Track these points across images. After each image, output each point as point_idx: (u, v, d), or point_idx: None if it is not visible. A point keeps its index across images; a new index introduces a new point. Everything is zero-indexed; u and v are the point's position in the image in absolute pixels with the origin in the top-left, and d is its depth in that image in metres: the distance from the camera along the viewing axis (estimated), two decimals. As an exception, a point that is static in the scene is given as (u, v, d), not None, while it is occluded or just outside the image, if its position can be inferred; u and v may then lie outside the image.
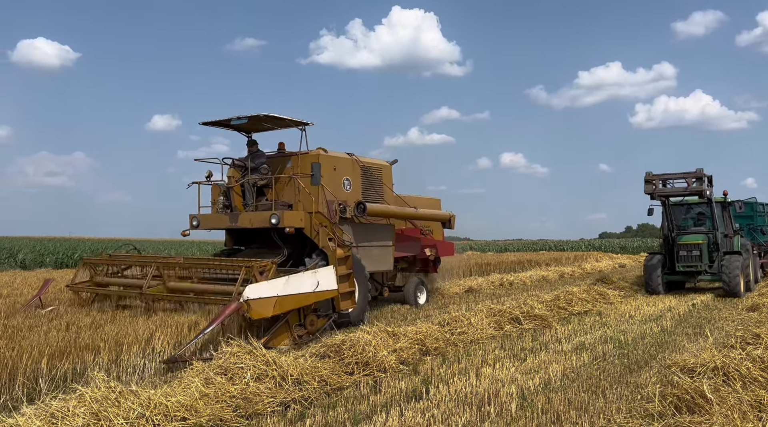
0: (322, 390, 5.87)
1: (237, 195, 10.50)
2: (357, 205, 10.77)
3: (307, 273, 8.34)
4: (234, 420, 4.89)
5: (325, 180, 10.38)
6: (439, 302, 14.28)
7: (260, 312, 7.35)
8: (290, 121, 10.37)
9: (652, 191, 14.36)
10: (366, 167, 11.55)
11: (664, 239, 15.48)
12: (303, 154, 10.42)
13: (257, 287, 7.43)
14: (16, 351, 6.34)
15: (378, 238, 11.71)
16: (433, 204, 14.19)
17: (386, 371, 6.68)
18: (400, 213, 12.05)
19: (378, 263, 11.67)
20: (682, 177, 14.16)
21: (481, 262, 27.35)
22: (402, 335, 7.84)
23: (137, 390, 4.69)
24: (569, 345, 8.26)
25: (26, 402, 4.94)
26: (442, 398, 5.65)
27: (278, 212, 9.69)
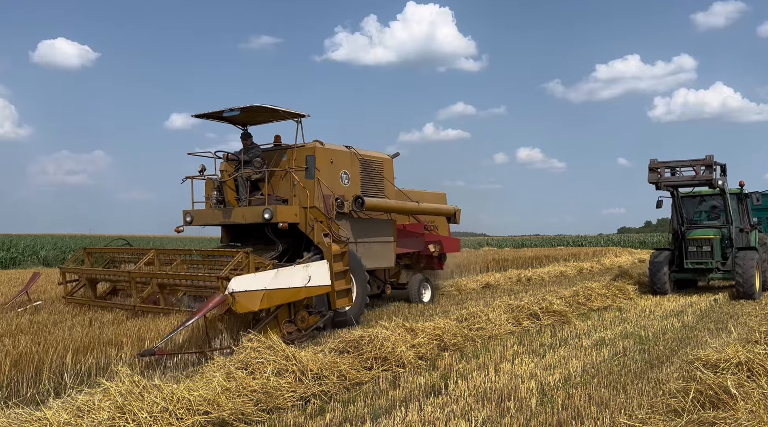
0: (341, 385, 5.91)
1: (230, 190, 10.20)
2: (355, 200, 10.38)
3: (297, 267, 7.99)
4: (255, 414, 4.95)
5: (322, 174, 10.02)
6: (456, 297, 14.26)
7: (246, 306, 7.05)
8: (285, 112, 9.99)
9: (656, 180, 13.14)
10: (365, 161, 11.16)
11: (673, 233, 14.28)
12: (299, 147, 10.10)
13: (243, 280, 7.14)
14: (42, 346, 6.48)
15: (378, 233, 11.35)
16: (439, 199, 13.77)
17: (405, 367, 6.70)
18: (401, 208, 11.68)
19: (378, 260, 11.32)
20: (689, 165, 12.87)
21: (498, 257, 27.25)
22: (420, 331, 7.85)
23: (160, 384, 4.77)
24: (589, 341, 8.20)
25: (53, 396, 5.05)
26: (461, 393, 5.65)
27: (271, 207, 9.34)
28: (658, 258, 13.69)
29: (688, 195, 14.53)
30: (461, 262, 23.81)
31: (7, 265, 25.08)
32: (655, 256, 13.89)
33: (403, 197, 11.97)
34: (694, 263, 13.49)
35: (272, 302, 7.42)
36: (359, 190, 10.79)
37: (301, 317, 8.19)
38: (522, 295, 13.15)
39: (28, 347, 6.41)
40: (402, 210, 11.73)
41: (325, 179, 10.08)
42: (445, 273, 20.38)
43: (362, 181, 10.99)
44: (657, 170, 13.17)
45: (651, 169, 13.23)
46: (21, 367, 5.94)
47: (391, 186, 11.79)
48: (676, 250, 13.95)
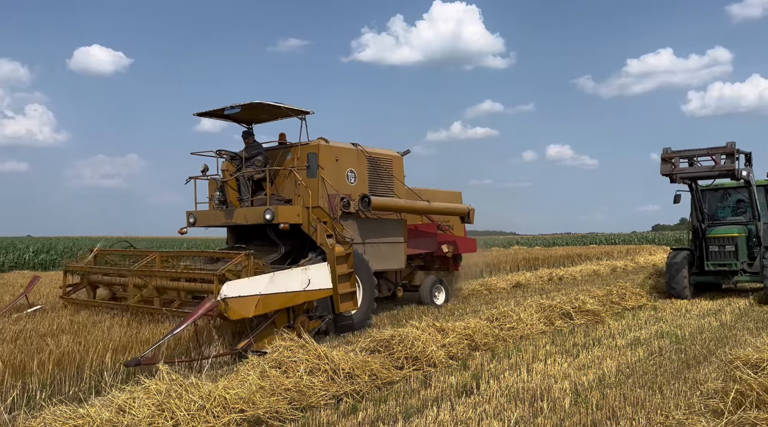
0: (372, 384, 5.94)
1: (232, 190, 9.91)
2: (361, 199, 9.93)
3: (296, 270, 7.65)
4: (289, 413, 5.02)
5: (326, 172, 9.66)
6: (486, 297, 14.18)
7: (239, 312, 6.72)
8: (288, 109, 9.59)
9: (670, 172, 11.71)
10: (373, 158, 10.74)
11: (693, 231, 12.87)
12: (302, 144, 9.72)
13: (237, 285, 6.81)
14: (83, 345, 6.69)
15: (387, 234, 10.92)
16: (453, 198, 13.27)
17: (436, 366, 6.70)
18: (411, 207, 11.19)
19: (388, 261, 10.90)
20: (706, 153, 11.46)
21: (529, 256, 27.00)
22: (450, 331, 7.84)
23: (198, 383, 4.88)
24: (623, 340, 8.08)
25: (94, 394, 5.21)
26: (493, 393, 5.63)
27: (272, 207, 9.00)
28: (675, 259, 12.36)
29: (709, 188, 13.19)
30: (491, 261, 23.69)
31: (47, 267, 25.90)
32: (673, 257, 12.52)
33: (414, 196, 11.56)
34: (716, 265, 12.20)
35: (268, 307, 7.07)
36: (367, 189, 10.41)
37: (300, 322, 7.78)
38: (554, 294, 13.03)
39: (69, 346, 6.63)
40: (411, 209, 11.30)
41: (329, 178, 9.72)
42: (474, 272, 20.36)
43: (370, 179, 10.60)
44: (671, 161, 11.78)
45: (664, 160, 11.84)
46: (63, 366, 6.14)
47: (401, 184, 11.38)
48: (697, 250, 12.64)
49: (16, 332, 7.53)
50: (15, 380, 5.64)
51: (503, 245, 50.01)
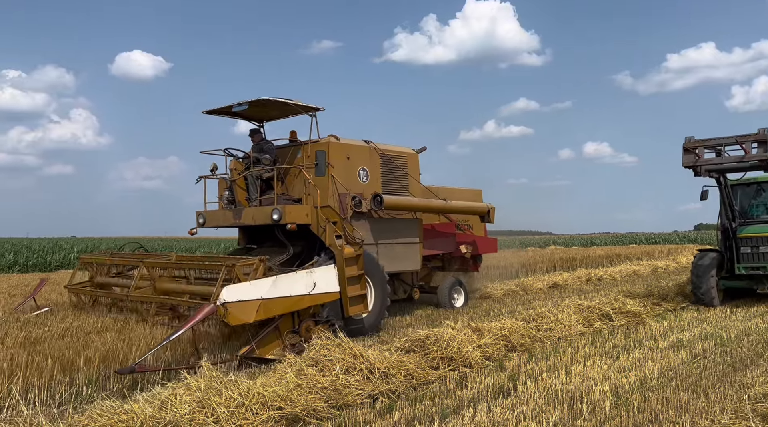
0: (408, 384, 5.94)
1: (240, 189, 9.65)
2: (373, 198, 9.55)
3: (300, 273, 7.38)
4: (326, 411, 5.06)
5: (336, 170, 9.35)
6: (523, 297, 14.02)
7: (239, 317, 6.47)
8: (297, 106, 9.28)
9: (693, 163, 10.48)
10: (386, 156, 10.34)
11: (723, 231, 11.64)
12: (313, 142, 9.39)
13: (237, 289, 6.57)
14: (126, 343, 6.88)
15: (402, 234, 10.52)
16: (473, 196, 12.76)
17: (471, 367, 6.66)
18: (425, 206, 10.73)
19: (402, 262, 10.52)
20: (735, 142, 10.15)
21: (566, 257, 26.58)
22: (486, 331, 7.79)
23: (237, 380, 4.98)
24: (665, 343, 7.87)
25: (138, 389, 5.36)
26: (531, 394, 5.56)
27: (280, 207, 8.74)
28: (702, 261, 11.20)
29: (740, 183, 11.83)
30: (527, 261, 23.42)
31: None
32: (699, 258, 11.33)
33: (430, 195, 11.12)
34: (747, 268, 11.00)
35: (270, 312, 6.80)
36: (380, 188, 10.04)
37: (306, 326, 7.49)
38: (592, 295, 12.78)
39: (114, 343, 6.84)
40: (427, 208, 10.84)
41: (340, 176, 9.40)
42: (509, 273, 20.15)
43: (383, 177, 10.24)
44: (694, 151, 10.50)
45: (686, 150, 10.57)
46: (108, 362, 6.34)
47: (417, 183, 10.93)
48: (727, 251, 11.42)
49: (63, 330, 7.81)
50: (63, 376, 5.85)
51: (539, 245, 49.36)
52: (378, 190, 9.91)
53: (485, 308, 12.03)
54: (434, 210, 11.12)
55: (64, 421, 4.22)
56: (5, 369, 5.72)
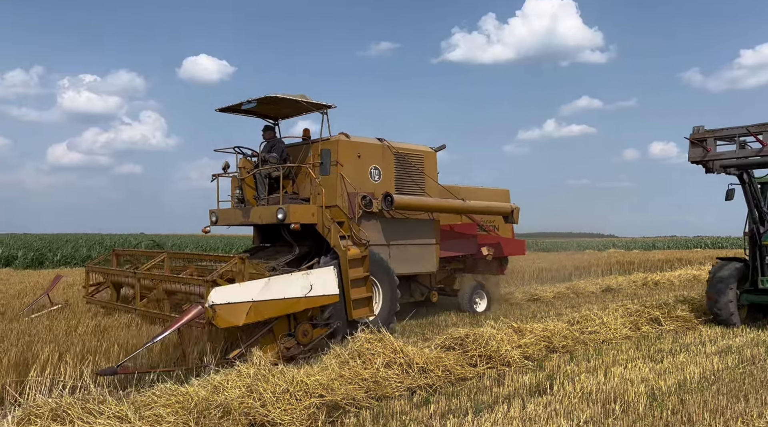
0: (446, 379, 6.16)
1: (249, 188, 9.54)
2: (384, 198, 9.26)
3: (296, 275, 7.16)
4: (365, 401, 5.37)
5: (346, 169, 9.13)
6: (572, 300, 13.89)
7: (228, 320, 6.25)
8: (308, 103, 9.10)
9: (701, 158, 9.17)
10: (401, 154, 10.01)
11: (750, 237, 9.83)
12: (323, 140, 9.24)
13: (226, 290, 6.38)
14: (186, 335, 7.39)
15: (416, 235, 10.16)
16: (498, 196, 12.21)
17: (510, 365, 6.80)
18: (439, 206, 10.28)
19: (416, 264, 10.17)
20: (746, 132, 8.76)
21: (623, 260, 25.94)
22: (528, 332, 7.89)
23: (283, 369, 5.37)
24: (713, 347, 7.74)
25: (194, 376, 5.82)
26: (566, 393, 5.67)
27: (284, 207, 8.61)
28: (720, 273, 9.65)
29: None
30: (581, 264, 23.02)
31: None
32: (718, 269, 9.79)
33: (448, 195, 10.71)
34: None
35: (261, 315, 6.57)
36: (393, 187, 9.74)
37: (302, 330, 7.24)
38: (646, 299, 12.54)
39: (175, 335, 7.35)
40: (441, 208, 10.39)
41: (350, 175, 9.17)
42: (562, 276, 19.90)
43: (397, 176, 9.91)
44: (704, 143, 9.16)
45: (693, 143, 9.25)
46: (168, 350, 6.86)
47: (434, 182, 10.54)
48: (752, 260, 9.71)
49: (129, 320, 8.43)
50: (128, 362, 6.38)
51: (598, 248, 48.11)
52: (391, 189, 9.63)
53: (532, 310, 12.04)
54: (450, 210, 10.64)
55: (128, 400, 4.69)
56: (78, 353, 6.31)
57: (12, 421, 4.06)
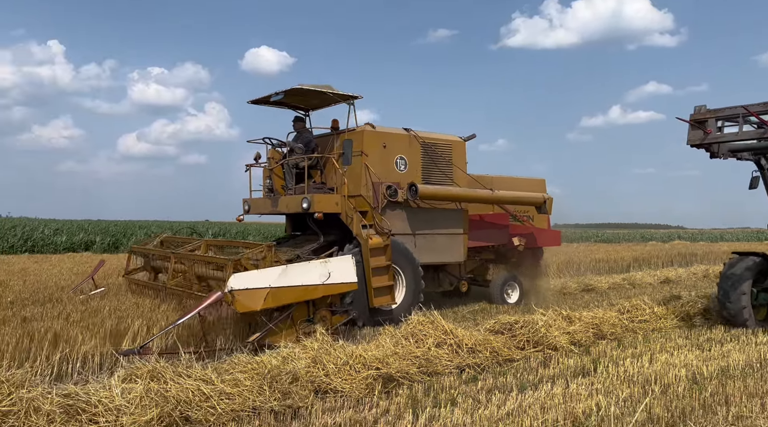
0: (493, 360, 6.58)
1: (278, 178, 9.81)
2: (409, 187, 9.41)
3: (314, 263, 7.40)
4: (417, 375, 5.88)
5: (371, 159, 9.27)
6: (628, 291, 13.92)
7: (246, 305, 6.51)
8: (334, 94, 9.27)
9: (700, 141, 8.41)
10: (428, 144, 10.05)
11: None
12: (349, 131, 9.43)
13: (244, 277, 6.65)
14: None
15: (443, 225, 10.20)
16: (533, 186, 12.11)
17: (557, 350, 7.13)
18: (466, 195, 10.27)
19: (443, 254, 10.22)
20: (745, 111, 7.91)
21: (686, 252, 25.37)
22: (577, 319, 8.17)
23: (343, 344, 5.98)
24: (765, 338, 7.79)
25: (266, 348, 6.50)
26: (609, 375, 5.99)
27: (309, 196, 8.85)
28: (734, 269, 8.70)
29: None
30: (640, 255, 22.70)
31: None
32: (731, 265, 8.82)
33: (477, 184, 10.72)
34: None
35: (279, 301, 6.80)
36: (420, 177, 9.85)
37: (321, 316, 7.43)
38: (703, 291, 12.43)
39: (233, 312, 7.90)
40: (468, 198, 10.37)
41: (375, 165, 9.29)
42: (619, 267, 19.74)
43: (424, 166, 10.00)
44: (705, 123, 8.36)
45: (693, 124, 8.44)
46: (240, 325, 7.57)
47: (462, 172, 10.55)
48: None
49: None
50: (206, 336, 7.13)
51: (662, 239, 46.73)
52: (417, 179, 9.74)
53: (585, 300, 12.21)
54: (477, 200, 10.63)
55: (211, 366, 5.39)
56: (162, 327, 7.11)
57: (117, 379, 4.81)
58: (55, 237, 26.98)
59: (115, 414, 4.33)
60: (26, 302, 9.64)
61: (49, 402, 4.23)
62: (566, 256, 22.06)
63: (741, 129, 8.11)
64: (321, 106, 10.35)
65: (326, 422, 4.63)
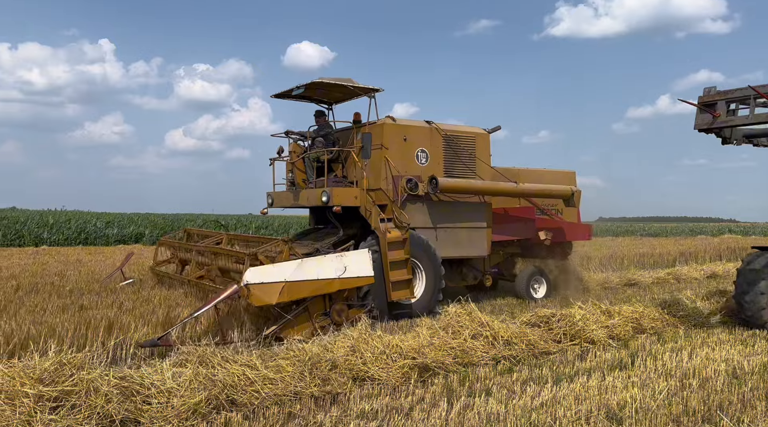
0: (529, 352, 6.64)
1: (299, 171, 9.90)
2: (429, 181, 9.35)
3: (329, 256, 7.43)
4: (453, 366, 6.01)
5: (391, 152, 9.23)
6: (672, 286, 13.63)
7: (262, 299, 6.62)
8: (355, 88, 9.25)
9: (708, 125, 7.71)
10: (450, 137, 9.93)
11: None
12: (370, 124, 9.38)
13: (260, 271, 6.74)
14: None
15: (466, 218, 10.08)
16: (562, 178, 11.81)
17: (594, 343, 7.13)
18: (488, 188, 10.10)
19: (465, 248, 10.11)
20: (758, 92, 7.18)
21: (736, 246, 24.55)
22: (616, 313, 8.11)
23: (381, 334, 6.17)
24: (814, 335, 7.59)
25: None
26: (647, 369, 5.99)
27: (328, 190, 8.87)
28: (752, 265, 8.17)
29: None
30: (687, 250, 22.11)
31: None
32: (750, 261, 8.27)
33: (501, 177, 10.50)
34: None
35: (294, 294, 6.88)
36: (442, 170, 9.75)
37: (338, 310, 7.46)
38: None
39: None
40: (490, 191, 10.19)
41: (395, 158, 9.25)
42: (665, 261, 19.30)
43: (446, 159, 9.88)
44: (715, 106, 7.63)
45: (701, 107, 7.74)
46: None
47: (485, 164, 10.38)
48: None
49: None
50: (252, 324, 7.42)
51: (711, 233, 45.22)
52: (439, 172, 9.66)
53: (627, 294, 12.04)
54: (500, 193, 10.39)
55: (256, 353, 5.66)
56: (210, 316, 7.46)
57: (169, 363, 5.12)
58: (107, 230, 28.16)
59: (166, 396, 4.63)
60: (83, 291, 10.20)
61: (106, 383, 4.55)
62: (609, 250, 21.70)
63: (753, 112, 7.32)
64: (343, 99, 10.36)
65: (364, 408, 4.82)
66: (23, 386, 4.23)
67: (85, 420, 4.21)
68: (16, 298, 9.28)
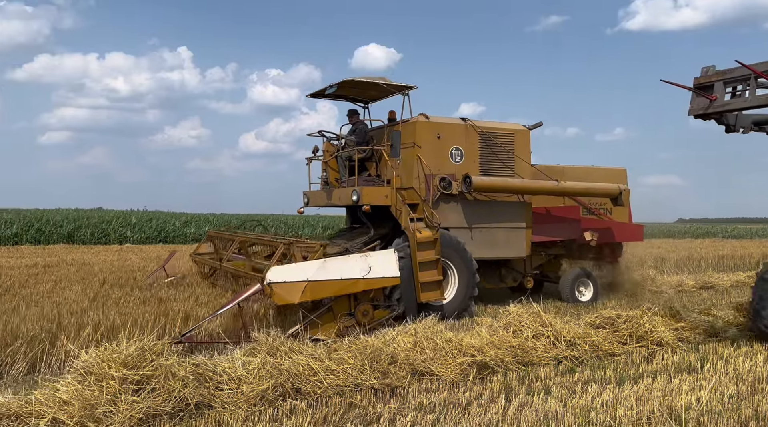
0: (593, 353, 6.54)
1: (332, 170, 9.88)
2: (463, 179, 9.09)
3: (354, 256, 7.30)
4: (512, 364, 6.03)
5: (424, 151, 9.00)
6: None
7: (284, 297, 6.59)
8: (388, 85, 9.12)
9: (704, 110, 6.73)
10: (486, 134, 9.59)
11: None
12: (403, 122, 9.23)
13: (283, 270, 6.71)
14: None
15: (503, 218, 9.72)
16: (611, 176, 11.24)
17: (662, 346, 6.92)
18: (525, 187, 9.67)
19: (503, 249, 9.74)
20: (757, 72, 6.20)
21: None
22: (686, 316, 7.85)
23: (442, 331, 6.34)
24: None
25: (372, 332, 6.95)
26: (716, 372, 5.79)
27: (358, 189, 8.75)
28: None
29: None
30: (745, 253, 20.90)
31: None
32: (767, 270, 7.23)
33: (542, 175, 10.09)
34: None
35: (317, 294, 6.83)
36: (477, 168, 9.44)
37: (362, 310, 7.35)
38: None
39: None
40: (528, 190, 9.76)
41: (428, 157, 9.02)
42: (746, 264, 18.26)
43: (482, 157, 9.55)
44: (712, 86, 6.70)
45: (697, 90, 6.79)
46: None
47: (525, 162, 9.95)
48: None
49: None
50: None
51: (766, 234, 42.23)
52: (475, 170, 9.36)
53: (703, 297, 11.55)
54: (540, 192, 9.92)
55: (321, 345, 5.91)
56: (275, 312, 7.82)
57: (240, 353, 5.46)
58: (185, 229, 29.69)
59: (236, 383, 4.95)
60: (162, 284, 10.88)
61: (183, 369, 4.91)
62: (686, 252, 20.75)
63: (753, 94, 6.37)
64: (378, 97, 10.25)
65: (422, 401, 4.96)
66: (110, 369, 4.64)
67: (163, 402, 4.57)
68: (103, 291, 10.02)
